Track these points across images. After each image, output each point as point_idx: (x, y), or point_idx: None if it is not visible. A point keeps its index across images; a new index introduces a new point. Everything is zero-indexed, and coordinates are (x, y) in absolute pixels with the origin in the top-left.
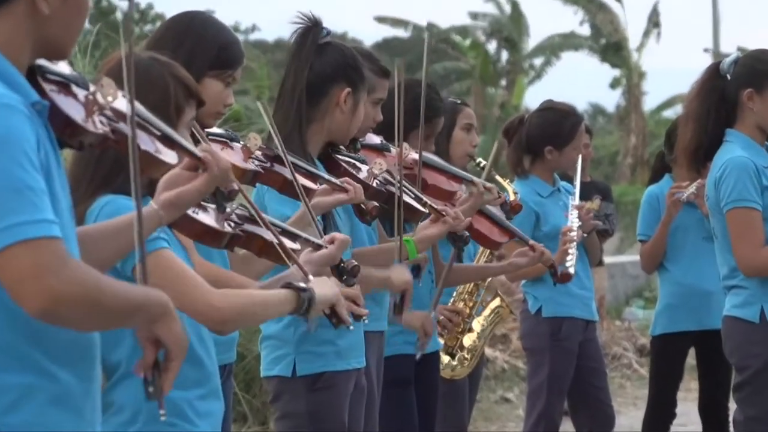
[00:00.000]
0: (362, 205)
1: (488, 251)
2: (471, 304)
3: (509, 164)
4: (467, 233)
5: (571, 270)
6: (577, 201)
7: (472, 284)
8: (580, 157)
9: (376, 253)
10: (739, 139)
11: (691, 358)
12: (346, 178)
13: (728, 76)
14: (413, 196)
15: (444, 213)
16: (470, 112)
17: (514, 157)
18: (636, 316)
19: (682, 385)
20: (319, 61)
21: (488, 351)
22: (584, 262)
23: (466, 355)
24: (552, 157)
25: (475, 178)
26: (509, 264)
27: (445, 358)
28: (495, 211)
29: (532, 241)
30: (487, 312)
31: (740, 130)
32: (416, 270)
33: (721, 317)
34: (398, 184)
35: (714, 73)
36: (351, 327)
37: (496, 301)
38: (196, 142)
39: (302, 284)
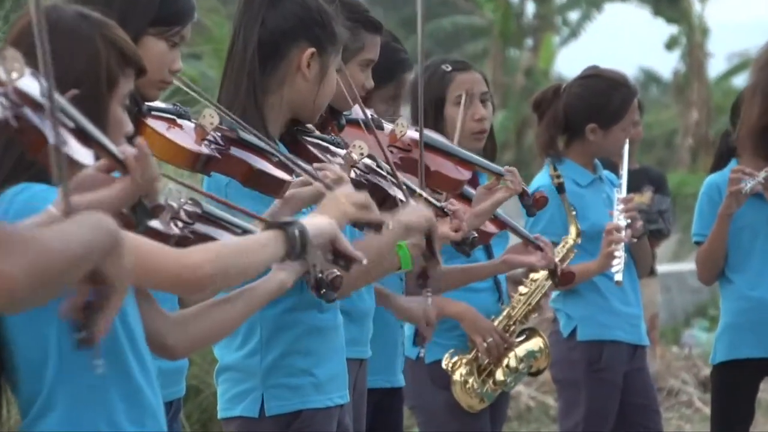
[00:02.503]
0: None
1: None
2: (512, 332)
3: (539, 145)
4: (475, 235)
5: (619, 277)
6: (624, 193)
7: (523, 311)
8: (627, 140)
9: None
10: None
11: (765, 393)
12: (321, 164)
13: None
14: (405, 188)
15: (448, 211)
16: (466, 78)
17: (545, 137)
18: (698, 340)
19: (754, 427)
20: (272, 15)
21: None
22: (631, 271)
23: (493, 386)
24: (595, 138)
25: (491, 165)
26: (503, 263)
27: (469, 378)
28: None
29: (524, 232)
30: (521, 351)
31: None
32: (423, 277)
33: None
34: (388, 173)
35: None
36: (365, 261)
37: (537, 343)
38: (136, 122)
39: (287, 218)
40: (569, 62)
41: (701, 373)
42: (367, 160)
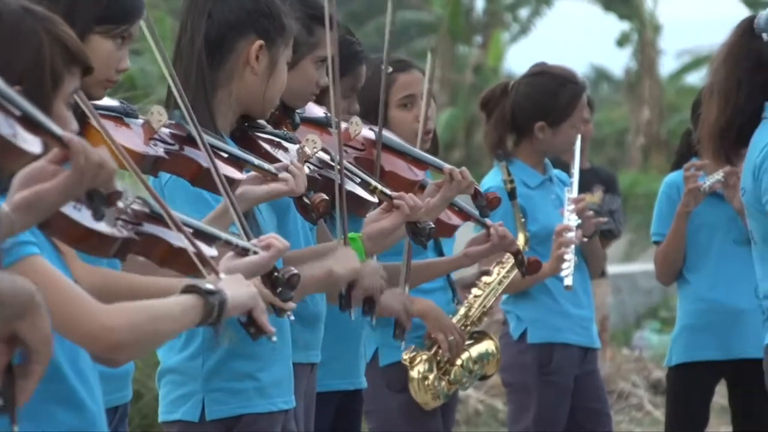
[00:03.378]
0: (305, 199)
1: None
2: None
3: (487, 145)
4: (432, 225)
5: (569, 281)
6: (575, 193)
7: (478, 313)
8: (579, 137)
9: (311, 258)
10: None
11: (721, 397)
12: (284, 165)
13: (765, 36)
14: (359, 180)
15: (399, 199)
16: (408, 79)
17: (494, 136)
18: (649, 342)
19: (709, 430)
20: (219, 7)
21: None
22: (582, 272)
23: (448, 385)
24: (544, 136)
25: (444, 164)
26: (464, 256)
27: (428, 374)
28: None
29: (489, 222)
30: (474, 353)
31: None
32: (370, 305)
33: (754, 342)
34: (337, 165)
35: (746, 32)
36: (274, 339)
37: (488, 345)
38: (81, 120)
39: (209, 286)
40: (519, 59)
41: (652, 375)
42: (322, 154)
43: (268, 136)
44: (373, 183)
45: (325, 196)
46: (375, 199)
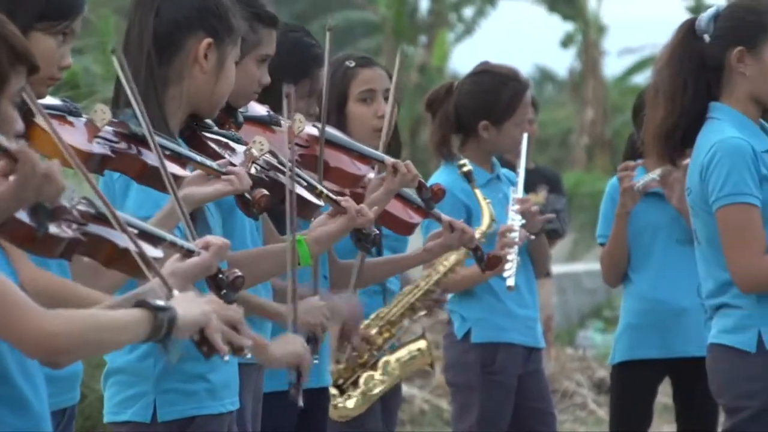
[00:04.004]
0: (246, 194)
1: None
2: (387, 335)
3: (432, 145)
4: (377, 231)
5: (511, 282)
6: (520, 193)
7: (397, 312)
8: (525, 135)
9: (256, 258)
10: (728, 115)
11: (664, 396)
12: (226, 161)
13: (707, 37)
14: (305, 184)
15: (343, 204)
16: (369, 74)
17: (438, 136)
18: (593, 341)
19: (653, 429)
20: (168, 6)
21: (404, 388)
22: (528, 272)
23: (356, 394)
24: (488, 135)
25: (386, 157)
26: (425, 251)
27: (332, 391)
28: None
29: (446, 218)
30: (403, 353)
31: (728, 104)
32: (313, 341)
33: (696, 341)
34: (289, 171)
35: (688, 34)
36: (226, 358)
37: (420, 344)
38: (27, 119)
39: (159, 302)
40: (464, 59)
41: (596, 374)
42: (268, 156)
43: (217, 137)
44: (319, 187)
45: (266, 192)
46: (321, 203)
